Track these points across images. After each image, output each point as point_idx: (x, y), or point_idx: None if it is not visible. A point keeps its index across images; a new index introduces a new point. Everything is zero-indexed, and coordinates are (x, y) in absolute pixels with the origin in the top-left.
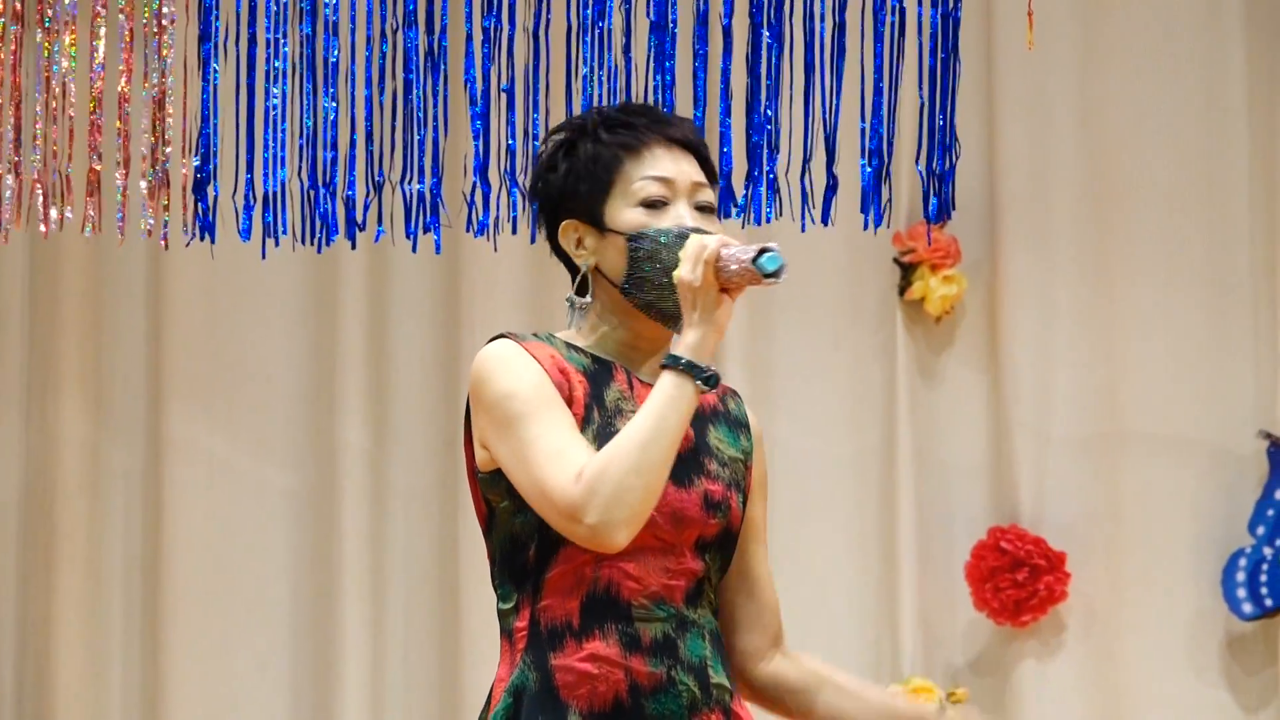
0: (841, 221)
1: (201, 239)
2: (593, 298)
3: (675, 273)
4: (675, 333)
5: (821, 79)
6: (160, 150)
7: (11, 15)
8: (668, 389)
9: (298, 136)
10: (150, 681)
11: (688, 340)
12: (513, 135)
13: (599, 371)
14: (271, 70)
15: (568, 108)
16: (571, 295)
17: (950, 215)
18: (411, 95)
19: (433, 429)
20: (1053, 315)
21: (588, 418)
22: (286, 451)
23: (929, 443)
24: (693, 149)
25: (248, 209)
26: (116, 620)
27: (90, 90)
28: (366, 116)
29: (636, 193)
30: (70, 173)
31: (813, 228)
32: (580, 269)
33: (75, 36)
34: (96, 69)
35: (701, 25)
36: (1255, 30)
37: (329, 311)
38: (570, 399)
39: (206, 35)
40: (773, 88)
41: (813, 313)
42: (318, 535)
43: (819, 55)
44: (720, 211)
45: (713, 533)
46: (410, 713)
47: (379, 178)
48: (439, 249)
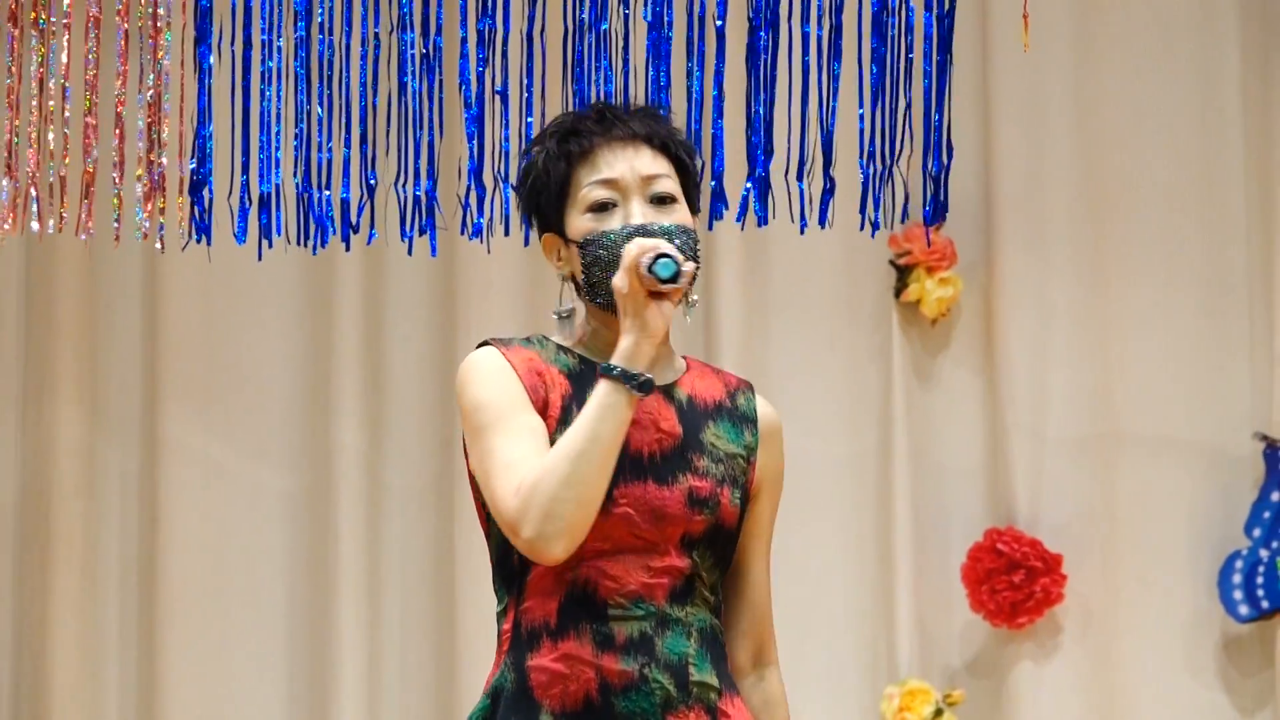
0: (837, 223)
1: (198, 241)
2: (574, 306)
3: (614, 279)
4: None
5: (819, 81)
6: (156, 152)
7: (7, 16)
8: (600, 398)
9: (292, 138)
10: (146, 682)
11: (621, 347)
12: (507, 138)
13: (584, 373)
14: (267, 72)
15: (563, 110)
16: (557, 308)
17: (944, 217)
18: (406, 97)
19: (428, 430)
20: (1049, 317)
21: (565, 419)
22: (282, 453)
23: (925, 444)
24: (649, 141)
25: (243, 211)
26: (113, 621)
27: (85, 92)
28: (361, 119)
29: (584, 199)
30: (65, 174)
31: (809, 230)
32: (561, 280)
33: (70, 38)
34: (89, 71)
35: (700, 27)
36: (1250, 31)
37: (324, 313)
38: (546, 401)
39: (202, 37)
40: (770, 89)
41: (809, 314)
42: (313, 536)
43: (816, 57)
44: (713, 214)
45: (699, 529)
46: (406, 713)
47: (372, 180)
48: (435, 251)
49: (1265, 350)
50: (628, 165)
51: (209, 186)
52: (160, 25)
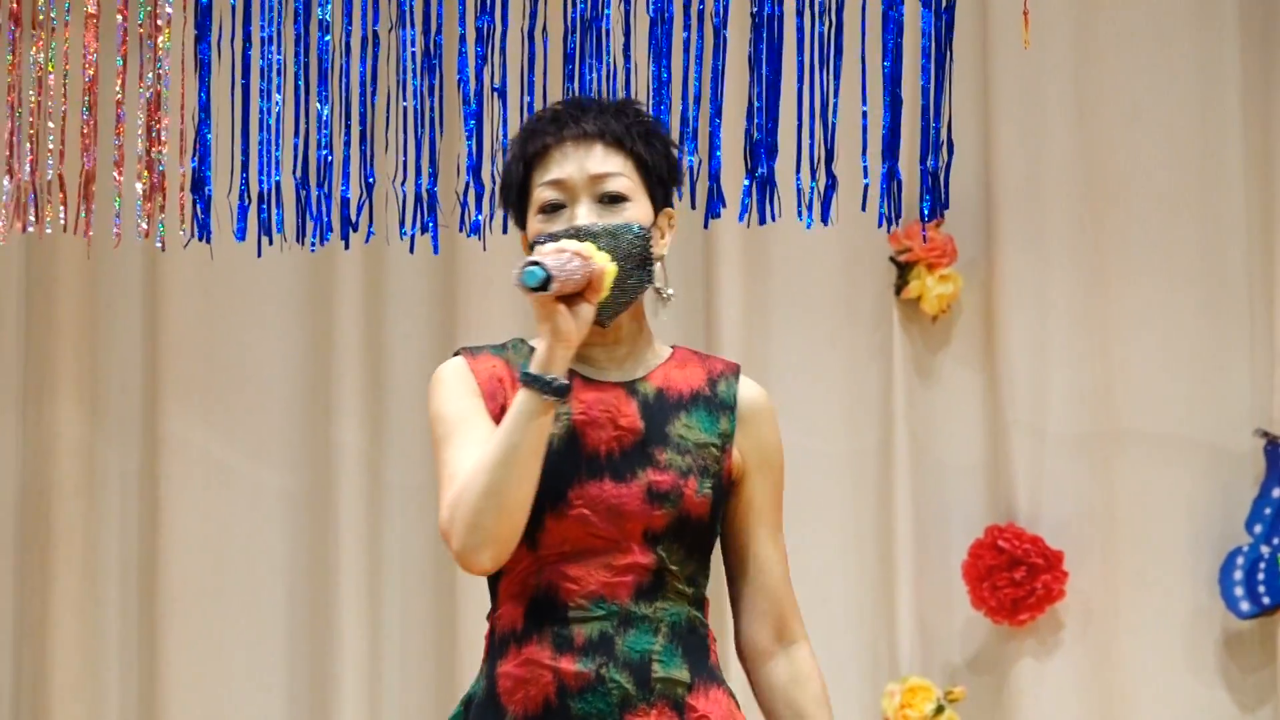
0: (837, 220)
1: (199, 239)
2: None
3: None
4: (602, 326)
5: (820, 78)
6: (156, 151)
7: (7, 15)
8: (516, 405)
9: (291, 136)
10: (147, 682)
11: (536, 353)
12: (505, 135)
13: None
14: (266, 70)
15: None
16: None
17: (943, 214)
18: (406, 95)
19: (429, 429)
20: (1049, 314)
21: None
22: (283, 452)
23: (926, 441)
24: (601, 138)
25: (242, 209)
26: (113, 621)
27: (84, 90)
28: (361, 117)
29: (537, 200)
30: (63, 173)
31: (809, 227)
32: None
33: (70, 36)
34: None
35: (699, 24)
36: (1249, 29)
37: (325, 312)
38: (504, 407)
39: (202, 35)
40: (772, 86)
41: (809, 312)
42: (314, 535)
43: (818, 54)
44: (709, 212)
45: (661, 524)
46: (407, 713)
47: (371, 178)
48: (437, 249)
49: (1265, 347)
50: (577, 165)
51: (209, 184)
52: (160, 23)
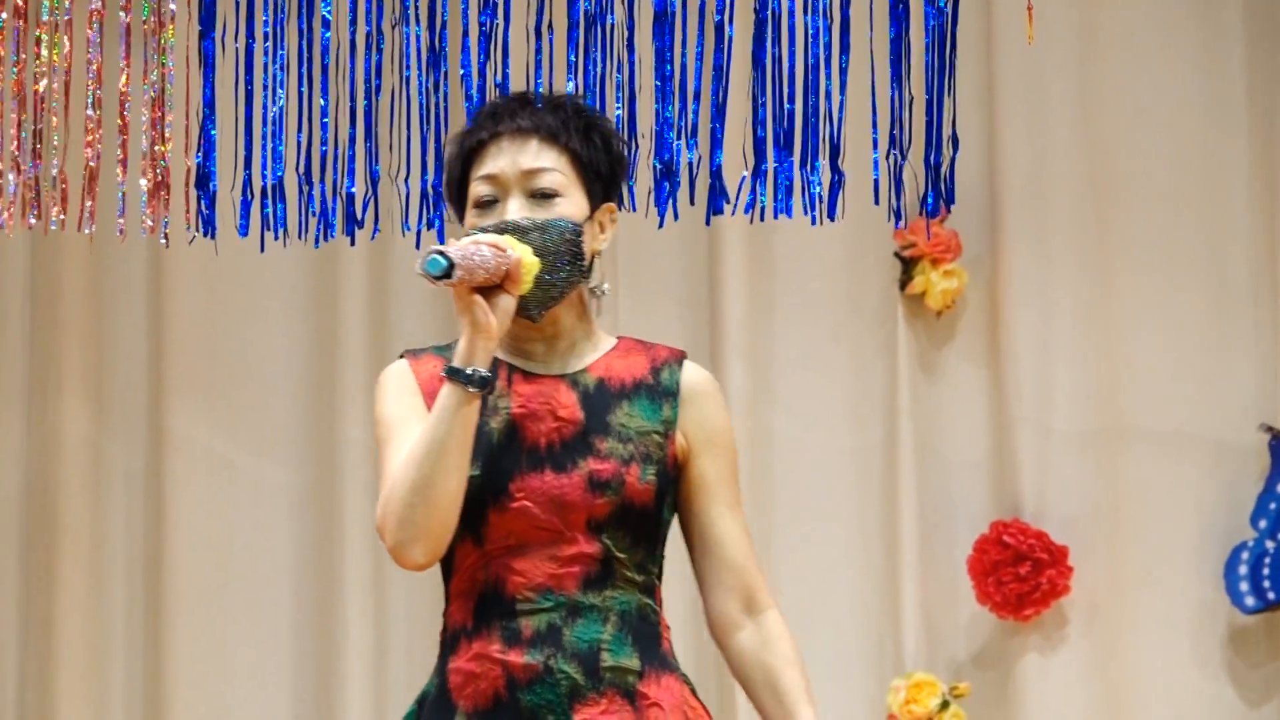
0: (843, 217)
1: (204, 235)
2: None
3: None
4: (532, 320)
5: (825, 74)
6: (160, 146)
7: (12, 11)
8: (440, 399)
9: (295, 132)
10: (152, 679)
11: (458, 347)
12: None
13: (493, 370)
14: (270, 65)
15: None
16: None
17: (949, 209)
18: (410, 91)
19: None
20: (1053, 309)
21: None
22: (288, 448)
23: (930, 437)
24: (536, 133)
25: (245, 205)
26: (118, 618)
27: (89, 87)
28: (366, 113)
29: (472, 195)
30: (66, 170)
31: (816, 221)
32: None
33: (73, 33)
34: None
35: (700, 19)
36: (1255, 25)
37: (330, 308)
38: None
39: (207, 30)
40: (776, 82)
41: (814, 307)
42: (319, 531)
43: (821, 50)
44: (711, 207)
45: (604, 512)
46: None
47: (375, 173)
48: (443, 242)
49: (1270, 342)
50: (510, 160)
51: (214, 180)
52: (164, 19)
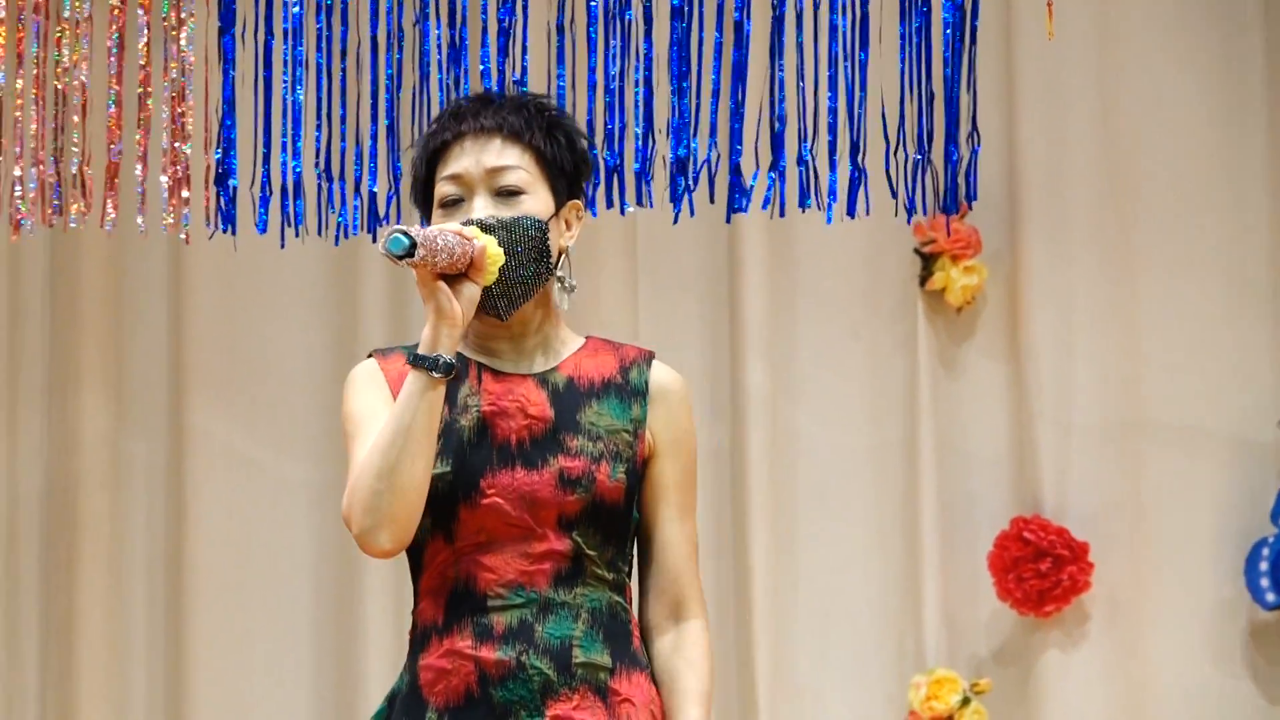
0: (860, 212)
1: (223, 231)
2: None
3: None
4: (500, 319)
5: (846, 69)
6: (180, 143)
7: (32, 9)
8: (406, 386)
9: (314, 129)
10: (173, 674)
11: (423, 333)
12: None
13: (461, 368)
14: (290, 62)
15: (589, 98)
16: None
17: (970, 206)
18: (430, 88)
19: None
20: (1073, 305)
21: None
22: (308, 444)
23: (951, 433)
24: (499, 131)
25: (264, 201)
26: (139, 613)
27: (109, 83)
28: (389, 110)
29: (437, 195)
30: (79, 166)
31: (833, 218)
32: None
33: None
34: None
35: (719, 16)
36: (1274, 21)
37: (349, 304)
38: None
39: (226, 27)
40: (798, 78)
41: (834, 303)
42: (339, 528)
43: (840, 46)
44: (731, 204)
45: (575, 509)
46: None
47: (397, 171)
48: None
49: None
50: (473, 159)
51: (234, 177)
52: (183, 15)
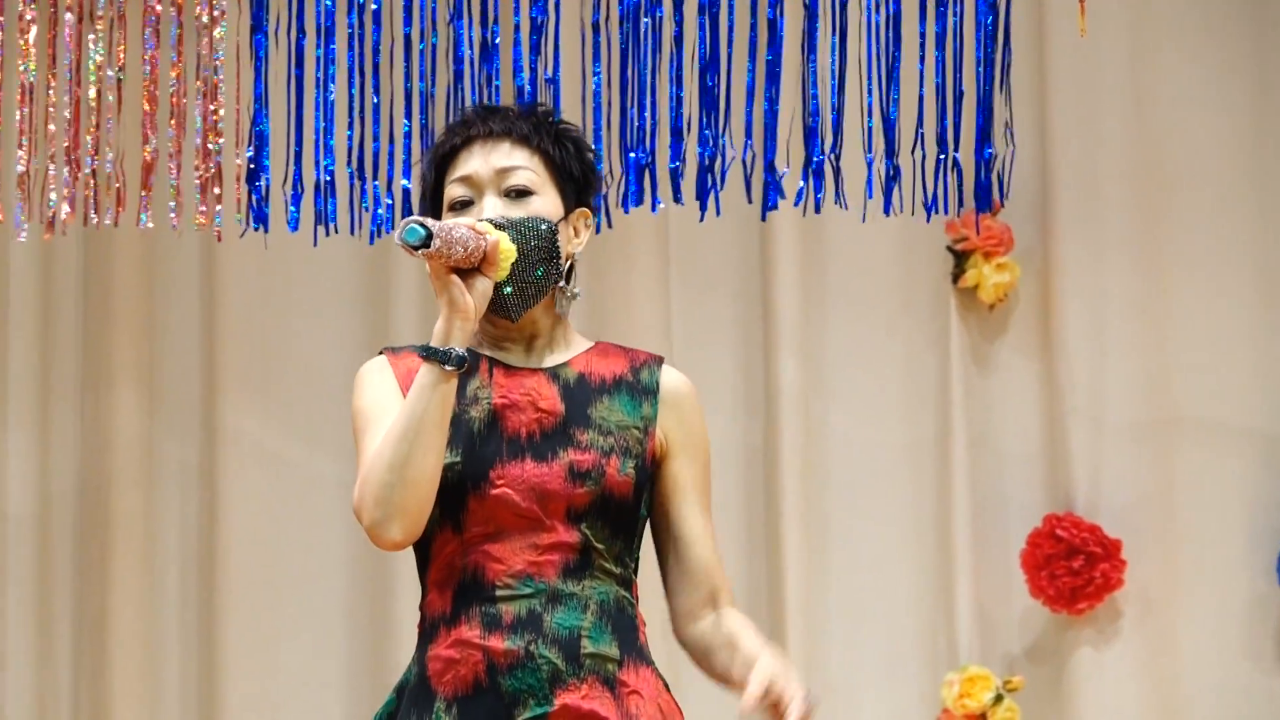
0: (899, 211)
1: (255, 229)
2: None
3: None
4: (511, 320)
5: (879, 68)
6: (212, 141)
7: (64, 8)
8: (418, 379)
9: (346, 128)
10: (206, 673)
11: (436, 326)
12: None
13: (470, 366)
14: (322, 61)
15: (623, 97)
16: None
17: (1003, 204)
18: (463, 86)
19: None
20: (1106, 302)
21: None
22: (340, 442)
23: (983, 430)
24: (508, 135)
25: (296, 199)
26: (171, 611)
27: (144, 82)
28: (422, 108)
29: (447, 199)
30: (114, 165)
31: (866, 216)
32: None
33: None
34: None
35: (752, 14)
36: None
37: (381, 302)
38: None
39: (258, 26)
40: (830, 77)
41: (866, 301)
42: None
43: (874, 44)
44: (767, 201)
45: (584, 502)
46: None
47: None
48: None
49: None
50: (482, 161)
51: (265, 175)
52: (215, 14)
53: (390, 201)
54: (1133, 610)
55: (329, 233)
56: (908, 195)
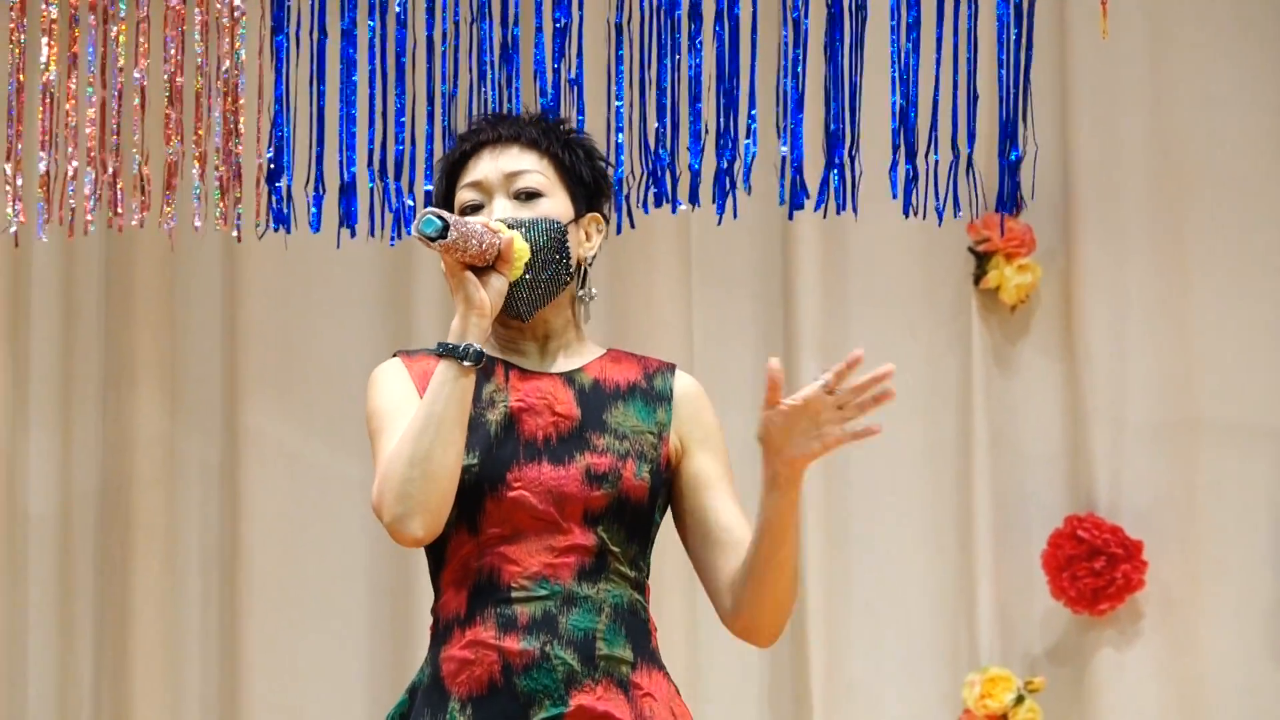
0: (921, 213)
1: (275, 230)
2: None
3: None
4: (522, 320)
5: (899, 69)
6: (233, 142)
7: (86, 8)
8: (436, 376)
9: (367, 129)
10: (226, 672)
11: (452, 323)
12: (581, 128)
13: (486, 369)
14: (345, 63)
15: (641, 98)
16: None
17: (1024, 205)
18: (485, 88)
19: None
20: (1127, 303)
21: None
22: (361, 443)
23: (1005, 431)
24: (516, 140)
25: (318, 201)
26: (194, 612)
27: (166, 84)
28: (444, 110)
29: (458, 205)
30: (139, 166)
31: (889, 217)
32: None
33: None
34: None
35: (782, 18)
36: None
37: (404, 303)
38: None
39: (279, 27)
40: (853, 77)
41: (888, 302)
42: None
43: (899, 45)
44: (793, 203)
45: (600, 504)
46: None
47: None
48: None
49: None
50: (492, 165)
51: (287, 176)
52: (236, 15)
53: (412, 203)
54: (1154, 611)
55: (354, 235)
56: (930, 198)
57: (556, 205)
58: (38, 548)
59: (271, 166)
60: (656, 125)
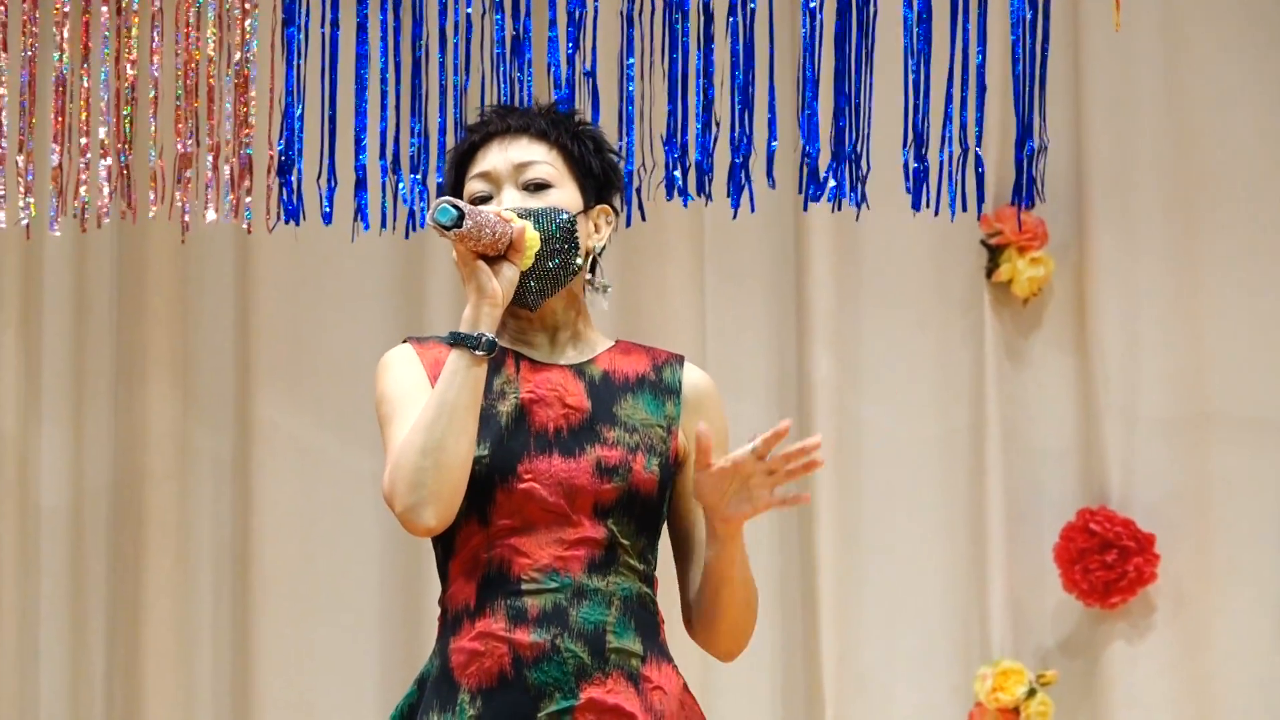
0: (930, 208)
1: (286, 222)
2: None
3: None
4: (530, 309)
5: (912, 64)
6: (245, 135)
7: (98, 0)
8: (448, 364)
9: (379, 121)
10: (239, 666)
11: (464, 312)
12: (595, 120)
13: (496, 361)
14: (356, 54)
15: (663, 90)
16: None
17: (1040, 198)
18: (498, 80)
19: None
20: (1140, 297)
21: None
22: (374, 436)
23: (1017, 425)
24: (525, 131)
25: (330, 193)
26: (205, 605)
27: (179, 76)
28: (456, 102)
29: (467, 196)
30: (155, 159)
31: (900, 211)
32: None
33: (161, 21)
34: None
35: (798, 11)
36: None
37: (416, 295)
38: None
39: (291, 19)
40: (864, 73)
41: (900, 295)
42: None
43: (912, 38)
44: (807, 197)
45: (611, 497)
46: None
47: None
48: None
49: None
50: (501, 156)
51: (298, 168)
52: (248, 7)
53: (426, 195)
54: (1166, 605)
55: (367, 226)
56: (944, 192)
57: (565, 196)
58: (50, 541)
59: (283, 159)
60: (668, 117)
